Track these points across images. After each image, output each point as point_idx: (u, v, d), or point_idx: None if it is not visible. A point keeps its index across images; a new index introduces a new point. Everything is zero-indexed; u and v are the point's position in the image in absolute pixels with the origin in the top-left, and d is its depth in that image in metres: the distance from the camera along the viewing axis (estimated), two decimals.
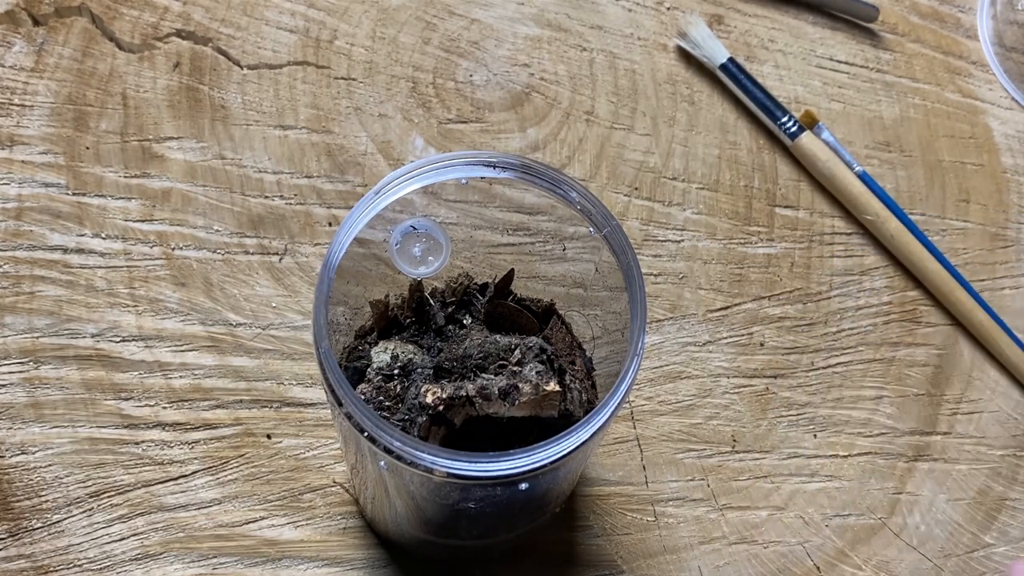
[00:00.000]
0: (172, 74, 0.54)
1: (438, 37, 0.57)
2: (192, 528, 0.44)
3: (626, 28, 0.59)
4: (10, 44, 0.53)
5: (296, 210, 0.51)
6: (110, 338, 0.47)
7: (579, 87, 0.57)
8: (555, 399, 0.35)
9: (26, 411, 0.45)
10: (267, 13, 0.56)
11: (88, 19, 0.54)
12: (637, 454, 0.48)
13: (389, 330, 0.40)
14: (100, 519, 0.44)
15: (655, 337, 0.51)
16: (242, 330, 0.48)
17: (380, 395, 0.37)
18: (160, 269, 0.49)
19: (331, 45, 0.56)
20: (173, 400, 0.46)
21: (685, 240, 0.54)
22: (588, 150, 0.55)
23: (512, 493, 0.34)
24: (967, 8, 0.64)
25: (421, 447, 0.31)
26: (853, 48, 0.61)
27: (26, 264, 0.48)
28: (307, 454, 0.46)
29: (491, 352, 0.37)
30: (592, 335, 0.41)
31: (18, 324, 0.47)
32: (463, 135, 0.54)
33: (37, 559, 0.43)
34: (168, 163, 0.51)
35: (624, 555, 0.46)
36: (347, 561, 0.44)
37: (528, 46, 0.58)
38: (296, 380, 0.47)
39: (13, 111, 0.51)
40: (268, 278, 0.49)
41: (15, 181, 0.50)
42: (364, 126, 0.54)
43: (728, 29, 0.60)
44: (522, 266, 0.41)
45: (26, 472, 0.44)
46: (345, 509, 0.45)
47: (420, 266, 0.38)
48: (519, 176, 0.36)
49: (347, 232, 0.34)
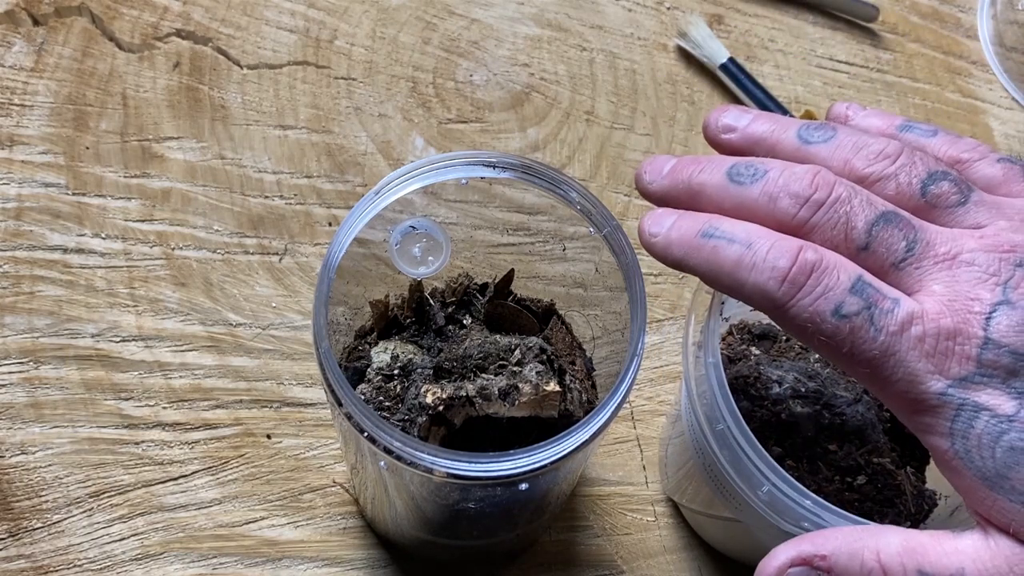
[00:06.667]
0: (172, 74, 0.54)
1: (438, 37, 0.57)
2: (192, 528, 0.44)
3: (626, 28, 0.59)
4: (10, 44, 0.53)
5: (296, 210, 0.51)
6: (110, 338, 0.47)
7: (579, 87, 0.57)
8: (555, 399, 0.35)
9: (26, 411, 0.45)
10: (267, 13, 0.56)
11: (88, 19, 0.54)
12: (637, 454, 0.48)
13: (389, 330, 0.40)
14: (100, 519, 0.44)
15: (655, 337, 0.51)
16: (242, 330, 0.48)
17: (380, 395, 0.37)
18: (160, 269, 0.49)
19: (331, 45, 0.56)
20: (173, 400, 0.46)
21: None
22: (588, 150, 0.55)
23: (512, 493, 0.34)
24: (967, 8, 0.64)
25: (421, 447, 0.31)
26: (853, 48, 0.61)
27: (26, 264, 0.48)
28: (307, 454, 0.46)
29: (491, 352, 0.37)
30: (592, 335, 0.41)
31: (18, 324, 0.47)
32: (463, 135, 0.54)
33: (37, 559, 0.43)
34: (168, 163, 0.51)
35: (624, 555, 0.46)
36: (347, 561, 0.44)
37: (528, 46, 0.58)
38: (296, 380, 0.47)
39: (13, 111, 0.51)
40: (268, 278, 0.49)
41: (15, 181, 0.50)
42: (364, 126, 0.54)
43: (728, 29, 0.60)
44: (522, 266, 0.41)
45: (26, 472, 0.44)
46: (345, 509, 0.45)
47: (420, 266, 0.38)
48: (519, 176, 0.36)
49: (347, 232, 0.34)
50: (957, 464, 0.28)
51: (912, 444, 0.42)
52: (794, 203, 0.29)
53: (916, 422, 0.29)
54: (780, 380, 0.40)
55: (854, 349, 0.28)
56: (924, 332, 0.28)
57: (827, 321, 0.28)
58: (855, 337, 0.28)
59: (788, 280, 0.28)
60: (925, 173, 0.30)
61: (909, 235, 0.29)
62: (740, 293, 0.29)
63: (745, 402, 0.39)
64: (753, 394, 0.40)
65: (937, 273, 0.28)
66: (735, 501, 0.37)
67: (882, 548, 0.29)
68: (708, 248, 0.29)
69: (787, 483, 0.34)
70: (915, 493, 0.40)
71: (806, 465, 0.39)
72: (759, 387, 0.40)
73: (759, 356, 0.42)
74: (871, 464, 0.39)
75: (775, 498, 0.34)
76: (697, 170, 0.31)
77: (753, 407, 0.39)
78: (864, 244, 0.29)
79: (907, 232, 0.29)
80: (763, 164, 0.30)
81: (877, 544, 0.29)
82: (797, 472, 0.39)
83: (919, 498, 0.40)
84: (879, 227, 0.29)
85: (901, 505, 0.39)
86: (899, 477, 0.40)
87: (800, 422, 0.39)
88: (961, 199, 0.30)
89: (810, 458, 0.39)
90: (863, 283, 0.28)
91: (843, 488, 0.39)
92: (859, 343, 0.28)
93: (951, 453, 0.28)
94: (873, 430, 0.40)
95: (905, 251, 0.29)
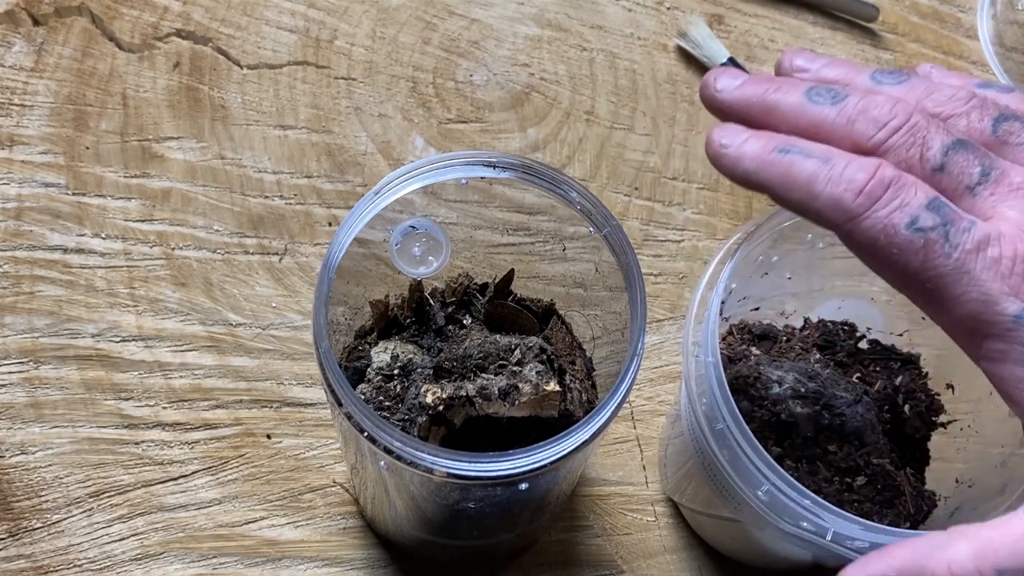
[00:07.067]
0: (172, 74, 0.54)
1: (438, 37, 0.57)
2: (192, 528, 0.44)
3: (626, 28, 0.59)
4: (10, 44, 0.53)
5: (296, 210, 0.51)
6: (110, 338, 0.47)
7: (579, 87, 0.57)
8: (555, 399, 0.35)
9: (26, 411, 0.45)
10: (267, 13, 0.56)
11: (88, 19, 0.54)
12: (637, 454, 0.48)
13: (389, 330, 0.40)
14: (100, 519, 0.44)
15: (655, 337, 0.51)
16: (242, 330, 0.48)
17: (380, 395, 0.37)
18: (160, 269, 0.49)
19: (331, 45, 0.56)
20: (173, 400, 0.46)
21: (685, 240, 0.54)
22: (588, 150, 0.55)
23: (512, 493, 0.34)
24: (967, 8, 0.64)
25: (421, 447, 0.31)
26: (853, 48, 0.61)
27: (26, 264, 0.48)
28: (307, 454, 0.46)
29: (491, 352, 0.37)
30: (592, 335, 0.41)
31: (18, 324, 0.47)
32: (463, 135, 0.54)
33: (37, 559, 0.43)
34: (168, 163, 0.51)
35: (624, 555, 0.46)
36: (347, 561, 0.44)
37: (528, 46, 0.58)
38: (296, 380, 0.47)
39: (13, 111, 0.51)
40: (268, 278, 0.49)
41: (15, 181, 0.50)
42: (364, 126, 0.54)
43: (728, 29, 0.60)
44: (522, 266, 0.41)
45: (26, 472, 0.44)
46: (345, 509, 0.45)
47: (420, 266, 0.38)
48: (519, 176, 0.36)
49: (347, 232, 0.34)
50: None
51: (912, 445, 0.42)
52: (872, 125, 0.29)
53: (987, 349, 0.28)
54: (780, 380, 0.40)
55: (927, 263, 0.27)
56: (1000, 254, 0.27)
57: (901, 234, 0.27)
58: (929, 251, 0.27)
59: (865, 193, 0.28)
60: (997, 113, 0.30)
61: (985, 162, 0.29)
62: (812, 206, 0.29)
63: (745, 402, 0.39)
64: (753, 394, 0.40)
65: (1013, 200, 0.28)
66: (735, 501, 0.37)
67: (952, 558, 0.28)
68: (784, 163, 0.29)
69: (786, 483, 0.34)
70: (914, 494, 0.40)
71: (805, 465, 0.39)
72: (759, 387, 0.40)
73: (759, 356, 0.42)
74: (871, 465, 0.39)
75: (774, 498, 0.34)
76: (773, 87, 0.31)
77: (753, 407, 0.39)
78: (940, 165, 0.29)
79: (982, 159, 0.29)
80: (843, 89, 0.30)
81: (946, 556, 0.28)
82: (796, 472, 0.39)
83: (918, 499, 0.40)
84: (955, 151, 0.29)
85: (900, 506, 0.40)
86: (899, 478, 0.40)
87: (800, 422, 0.39)
88: None
89: (809, 459, 0.39)
90: (940, 202, 0.28)
91: (842, 489, 0.39)
92: (933, 257, 0.27)
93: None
94: (873, 431, 0.40)
95: (980, 175, 0.29)
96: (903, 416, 0.42)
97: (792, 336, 0.44)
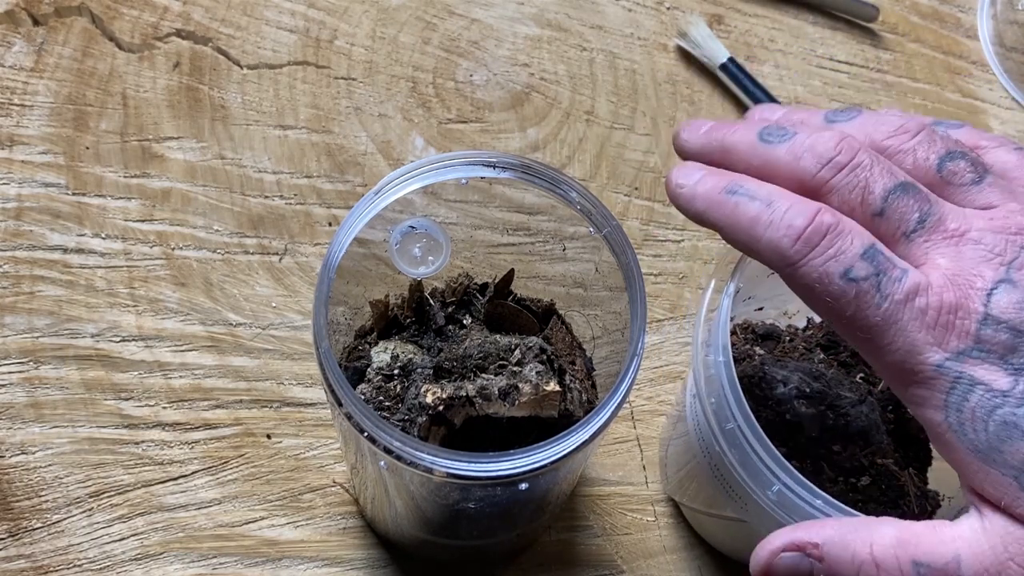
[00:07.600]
0: (172, 74, 0.54)
1: (438, 37, 0.57)
2: (192, 528, 0.44)
3: (626, 28, 0.59)
4: (10, 44, 0.53)
5: (296, 210, 0.51)
6: (110, 338, 0.47)
7: (579, 87, 0.57)
8: (555, 399, 0.35)
9: (26, 411, 0.45)
10: (267, 13, 0.56)
11: (88, 19, 0.54)
12: (637, 454, 0.48)
13: (389, 330, 0.40)
14: (100, 519, 0.44)
15: (655, 337, 0.51)
16: (242, 330, 0.48)
17: (380, 395, 0.37)
18: (160, 269, 0.49)
19: (331, 45, 0.56)
20: (173, 400, 0.46)
21: (685, 240, 0.54)
22: (588, 150, 0.55)
23: (512, 493, 0.34)
24: (967, 8, 0.64)
25: (421, 447, 0.31)
26: (853, 48, 0.61)
27: (26, 264, 0.48)
28: (307, 454, 0.46)
29: (491, 352, 0.37)
30: (592, 335, 0.41)
31: (18, 324, 0.47)
32: (463, 135, 0.54)
33: (37, 559, 0.43)
34: (168, 163, 0.51)
35: (624, 555, 0.46)
36: (347, 561, 0.44)
37: (528, 46, 0.58)
38: (296, 380, 0.47)
39: (13, 111, 0.51)
40: (268, 278, 0.49)
41: (15, 181, 0.50)
42: (364, 126, 0.54)
43: (728, 29, 0.60)
44: (522, 266, 0.41)
45: (26, 472, 0.44)
46: (345, 509, 0.45)
47: (420, 266, 0.38)
48: (519, 176, 0.36)
49: (347, 232, 0.34)
50: (950, 437, 0.28)
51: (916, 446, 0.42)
52: (816, 162, 0.30)
53: (911, 394, 0.29)
54: (785, 380, 0.40)
55: (858, 314, 0.28)
56: (927, 304, 0.28)
57: (835, 283, 0.28)
58: (860, 301, 0.28)
59: (802, 239, 0.28)
60: (944, 150, 0.30)
61: (923, 207, 0.29)
62: (755, 249, 0.30)
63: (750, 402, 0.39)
64: (757, 394, 0.40)
65: (945, 248, 0.29)
66: (741, 500, 0.37)
67: (876, 540, 0.29)
68: (730, 204, 0.30)
69: (798, 482, 0.34)
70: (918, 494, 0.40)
71: (810, 466, 0.39)
72: (763, 387, 0.40)
73: (763, 356, 0.42)
74: (875, 465, 0.39)
75: (785, 497, 0.34)
76: (731, 131, 0.32)
77: (757, 407, 0.39)
78: (879, 210, 0.29)
79: (921, 204, 0.29)
80: (794, 128, 0.31)
81: (871, 536, 0.29)
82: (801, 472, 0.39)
83: (922, 499, 0.40)
84: (895, 195, 0.29)
85: (904, 506, 0.39)
86: (903, 478, 0.40)
87: (804, 423, 0.39)
88: (976, 178, 0.30)
89: (814, 459, 0.39)
90: (875, 250, 0.28)
91: (847, 489, 0.39)
92: (864, 308, 0.28)
93: (945, 426, 0.28)
94: (877, 431, 0.40)
95: (917, 222, 0.29)
96: (906, 416, 0.42)
97: (795, 336, 0.44)
